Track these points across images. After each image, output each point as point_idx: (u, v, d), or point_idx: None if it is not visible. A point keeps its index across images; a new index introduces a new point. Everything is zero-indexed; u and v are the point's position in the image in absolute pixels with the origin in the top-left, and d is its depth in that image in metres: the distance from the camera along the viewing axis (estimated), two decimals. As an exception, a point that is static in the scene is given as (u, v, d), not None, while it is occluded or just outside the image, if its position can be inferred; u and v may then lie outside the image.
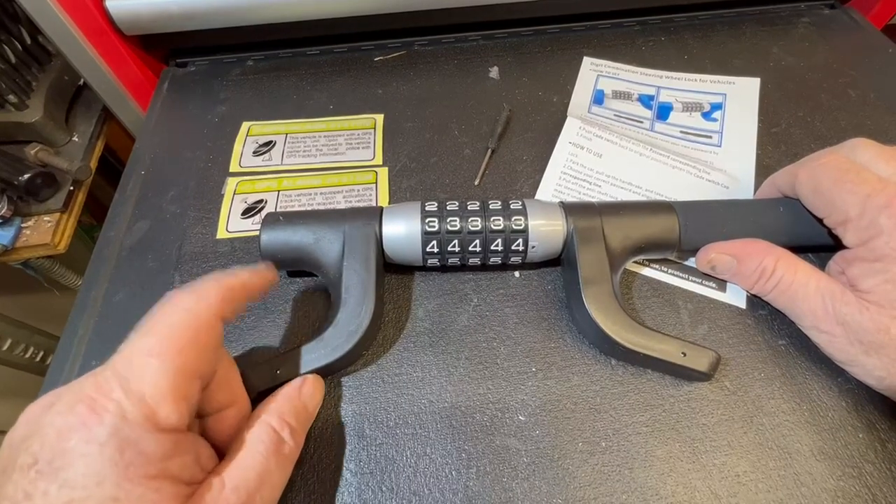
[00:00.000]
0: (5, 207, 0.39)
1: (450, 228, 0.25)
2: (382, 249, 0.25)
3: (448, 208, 0.26)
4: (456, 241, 0.25)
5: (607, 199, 0.30)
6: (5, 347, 0.52)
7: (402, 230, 0.25)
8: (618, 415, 0.23)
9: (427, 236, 0.25)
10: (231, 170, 0.33)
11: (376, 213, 0.25)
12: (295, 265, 0.26)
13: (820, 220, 0.24)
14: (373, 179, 0.32)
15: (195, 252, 0.29)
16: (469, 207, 0.26)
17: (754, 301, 0.26)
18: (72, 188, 0.44)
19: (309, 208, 0.30)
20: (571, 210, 0.25)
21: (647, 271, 0.27)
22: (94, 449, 0.14)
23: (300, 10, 0.37)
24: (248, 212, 0.31)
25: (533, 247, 0.25)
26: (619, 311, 0.23)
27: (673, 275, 0.27)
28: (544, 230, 0.25)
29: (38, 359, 0.56)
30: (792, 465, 0.22)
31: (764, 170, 0.32)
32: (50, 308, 0.60)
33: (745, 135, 0.34)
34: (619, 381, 0.24)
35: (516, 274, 0.28)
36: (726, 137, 0.34)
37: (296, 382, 0.21)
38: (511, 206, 0.25)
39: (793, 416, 0.23)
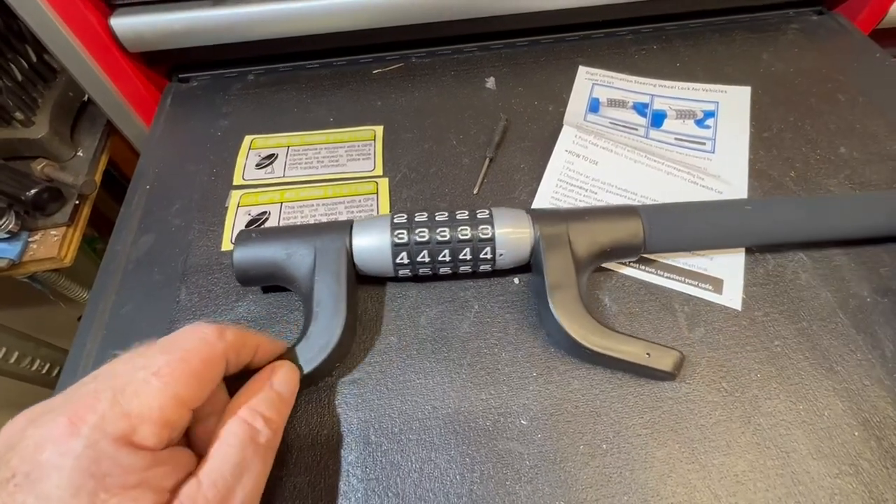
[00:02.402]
0: (12, 222, 0.40)
1: (418, 239, 0.25)
2: (354, 263, 0.26)
3: (416, 220, 0.26)
4: (425, 252, 0.25)
5: (604, 205, 0.31)
6: (12, 360, 0.52)
7: (372, 243, 0.26)
8: (618, 417, 0.24)
9: (397, 248, 0.25)
10: (234, 183, 0.34)
11: (346, 227, 0.26)
12: (268, 280, 0.27)
13: None
14: (374, 190, 0.33)
15: (200, 264, 0.30)
16: (437, 218, 0.26)
17: (750, 303, 0.27)
18: (77, 202, 0.44)
19: (311, 220, 0.31)
20: (538, 217, 0.26)
21: (643, 275, 0.28)
22: (68, 461, 0.14)
23: (300, 25, 0.38)
24: (252, 224, 0.31)
25: (501, 254, 0.26)
26: (585, 315, 0.24)
27: (669, 278, 0.28)
28: (511, 238, 0.26)
29: (44, 371, 0.56)
30: (790, 464, 0.22)
31: (756, 174, 0.33)
32: (56, 321, 0.60)
33: (737, 141, 0.34)
34: (618, 385, 0.24)
35: (516, 280, 0.28)
36: (719, 144, 0.35)
37: (264, 373, 0.21)
38: (478, 216, 0.26)
39: (789, 415, 0.23)
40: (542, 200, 0.31)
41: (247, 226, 0.31)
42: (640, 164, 0.33)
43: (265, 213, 0.32)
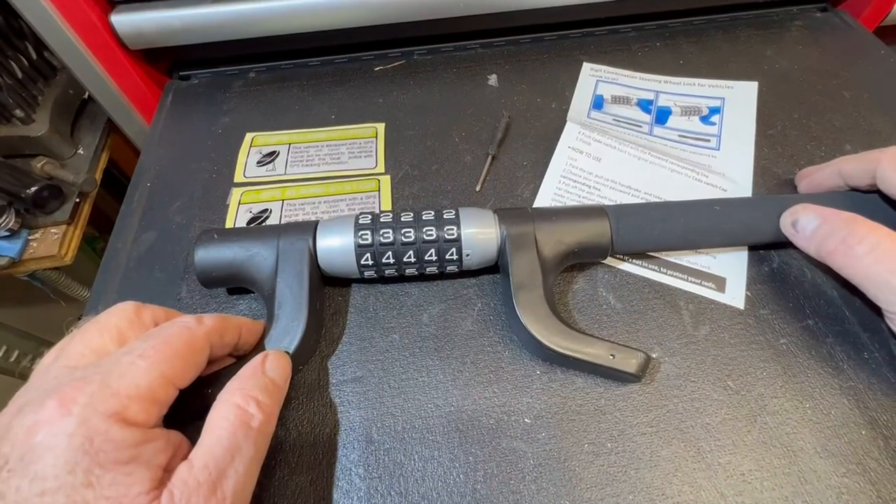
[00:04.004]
0: (12, 220, 0.40)
1: (383, 241, 0.25)
2: (318, 264, 0.25)
3: (381, 220, 0.26)
4: (390, 253, 0.25)
5: (607, 202, 0.31)
6: (12, 358, 0.52)
7: (336, 244, 0.25)
8: (622, 416, 0.23)
9: (361, 249, 0.25)
10: (235, 180, 0.34)
11: (310, 228, 0.26)
12: (231, 282, 0.26)
13: None
14: (375, 187, 0.33)
15: (202, 262, 0.29)
16: (402, 219, 0.26)
17: (754, 301, 0.27)
18: (77, 200, 0.44)
19: (313, 217, 0.31)
20: (504, 217, 0.26)
21: (647, 273, 0.28)
22: (62, 440, 0.15)
23: (301, 22, 0.38)
24: (254, 221, 0.31)
25: (468, 255, 0.25)
26: (550, 316, 0.23)
27: (673, 276, 0.28)
28: (478, 238, 0.25)
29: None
30: (796, 463, 0.22)
31: (761, 171, 0.32)
32: (56, 319, 0.60)
33: (743, 138, 0.34)
34: (622, 382, 0.24)
35: (519, 278, 0.28)
36: (725, 141, 0.34)
37: (257, 360, 0.21)
38: (444, 216, 0.26)
39: (795, 414, 0.23)
40: (544, 197, 0.31)
41: (248, 224, 0.31)
42: (643, 161, 0.33)
43: (266, 210, 0.32)
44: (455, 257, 0.25)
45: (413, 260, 0.25)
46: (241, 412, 0.19)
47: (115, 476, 0.15)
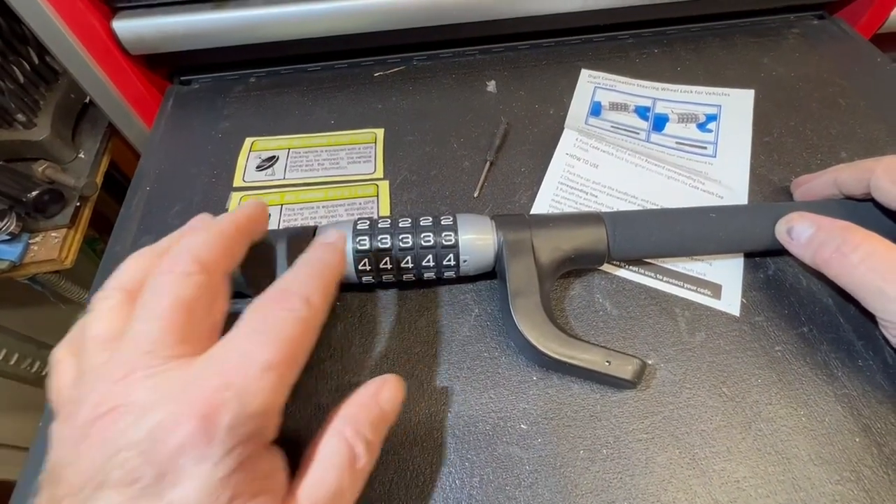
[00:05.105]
0: (13, 224, 0.40)
1: (380, 246, 0.25)
2: None
3: (379, 226, 0.26)
4: (387, 259, 0.25)
5: (604, 209, 0.31)
6: (12, 362, 0.52)
7: None
8: (618, 422, 0.23)
9: (359, 254, 0.25)
10: (235, 185, 0.34)
11: (309, 233, 0.26)
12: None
13: None
14: (374, 193, 0.33)
15: (201, 266, 0.29)
16: (400, 225, 0.26)
17: (749, 308, 0.27)
18: (78, 204, 0.44)
19: (311, 222, 0.31)
20: (501, 223, 0.26)
21: (643, 279, 0.28)
22: (206, 469, 0.14)
23: (301, 28, 0.38)
24: (253, 226, 0.31)
25: (465, 261, 0.26)
26: (546, 322, 0.24)
27: (669, 282, 0.28)
28: (475, 244, 0.25)
29: (44, 373, 0.56)
30: (790, 470, 0.22)
31: (757, 179, 0.33)
32: (56, 322, 0.60)
33: (739, 146, 0.34)
34: (618, 389, 0.24)
35: (516, 284, 0.28)
36: (721, 148, 0.35)
37: (373, 386, 0.19)
38: (442, 222, 0.26)
39: (790, 421, 0.23)
40: (542, 203, 0.31)
41: (247, 228, 0.31)
42: (640, 167, 0.33)
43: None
44: (452, 263, 0.26)
45: (410, 266, 0.26)
46: (349, 450, 0.17)
47: None
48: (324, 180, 0.34)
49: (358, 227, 0.26)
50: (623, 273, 0.28)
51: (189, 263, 0.17)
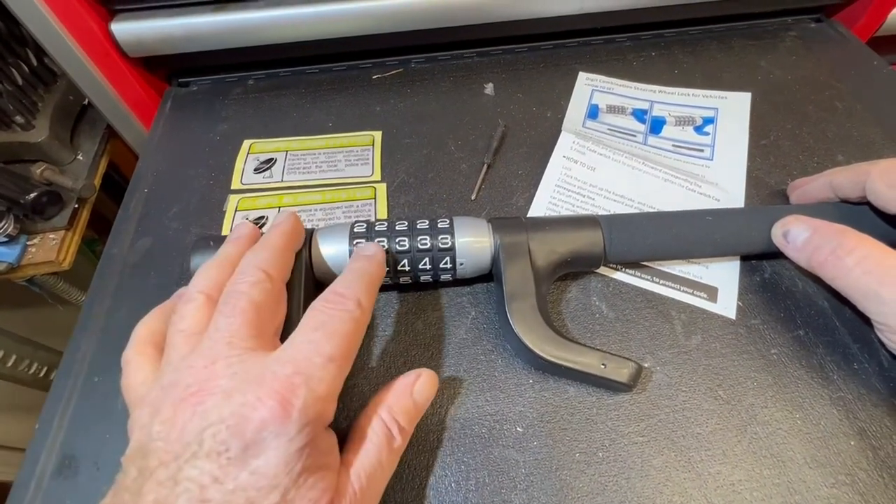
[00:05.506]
0: (11, 226, 0.40)
1: None
2: (313, 271, 0.25)
3: (377, 229, 0.26)
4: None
5: (601, 212, 0.31)
6: (10, 363, 0.52)
7: (331, 252, 0.25)
8: (614, 425, 0.23)
9: None
10: (233, 187, 0.34)
11: (306, 236, 0.26)
12: None
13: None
14: (371, 195, 0.33)
15: (198, 269, 0.30)
16: (397, 227, 0.26)
17: (745, 311, 0.27)
18: (76, 206, 0.44)
19: (309, 225, 0.31)
20: (498, 226, 0.26)
21: (640, 282, 0.28)
22: (283, 442, 0.16)
23: (299, 31, 0.38)
24: (250, 228, 0.31)
25: (461, 263, 0.26)
26: (542, 325, 0.24)
27: (665, 285, 0.28)
28: (471, 247, 0.25)
29: (41, 374, 0.56)
30: (786, 473, 0.22)
31: (754, 182, 0.33)
32: (53, 324, 0.60)
33: (736, 149, 0.35)
34: (614, 392, 0.24)
35: (513, 287, 0.28)
36: (718, 151, 0.35)
37: (410, 378, 0.22)
38: (438, 225, 0.26)
39: (786, 424, 0.23)
40: (539, 206, 0.32)
41: (244, 230, 0.31)
42: (637, 170, 0.33)
43: (263, 217, 0.32)
44: (449, 266, 0.26)
45: (407, 268, 0.26)
46: (386, 431, 0.20)
47: (314, 481, 0.17)
48: (321, 183, 0.34)
49: (355, 230, 0.26)
50: (619, 276, 0.28)
51: (258, 273, 0.20)
